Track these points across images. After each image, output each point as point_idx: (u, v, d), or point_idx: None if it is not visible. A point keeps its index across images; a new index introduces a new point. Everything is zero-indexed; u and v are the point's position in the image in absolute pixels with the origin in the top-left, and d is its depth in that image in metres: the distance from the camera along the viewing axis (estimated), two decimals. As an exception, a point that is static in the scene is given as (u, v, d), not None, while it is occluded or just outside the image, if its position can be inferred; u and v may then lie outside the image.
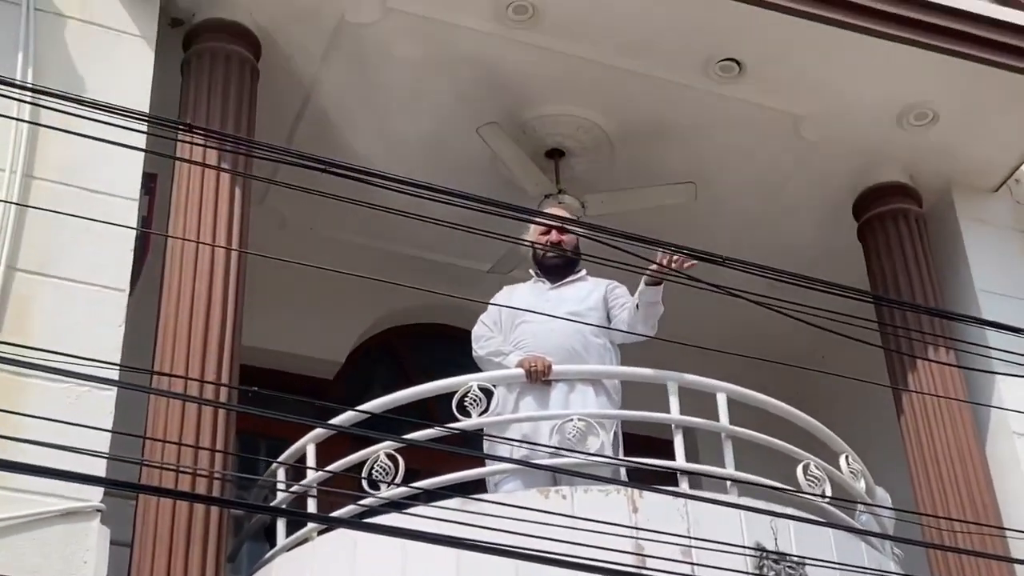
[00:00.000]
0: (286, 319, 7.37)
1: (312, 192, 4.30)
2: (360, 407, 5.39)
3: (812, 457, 5.43)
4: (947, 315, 6.23)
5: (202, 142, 5.41)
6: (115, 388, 4.83)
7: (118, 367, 4.75)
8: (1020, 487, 6.36)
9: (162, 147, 5.11)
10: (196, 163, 5.49)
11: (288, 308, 7.39)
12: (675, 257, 5.34)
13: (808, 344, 7.67)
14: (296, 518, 5.50)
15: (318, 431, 5.46)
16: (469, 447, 5.38)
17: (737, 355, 5.46)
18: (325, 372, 7.51)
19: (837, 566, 5.02)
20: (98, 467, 4.79)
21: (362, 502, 5.14)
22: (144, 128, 4.44)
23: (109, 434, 4.79)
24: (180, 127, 5.01)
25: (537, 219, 5.82)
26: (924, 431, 6.45)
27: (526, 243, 5.94)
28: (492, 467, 5.45)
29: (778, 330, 5.79)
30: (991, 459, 6.50)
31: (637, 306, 5.71)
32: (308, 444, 5.46)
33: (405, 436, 5.03)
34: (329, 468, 5.34)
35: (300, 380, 7.36)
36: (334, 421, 5.44)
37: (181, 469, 4.96)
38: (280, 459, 5.57)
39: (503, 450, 5.45)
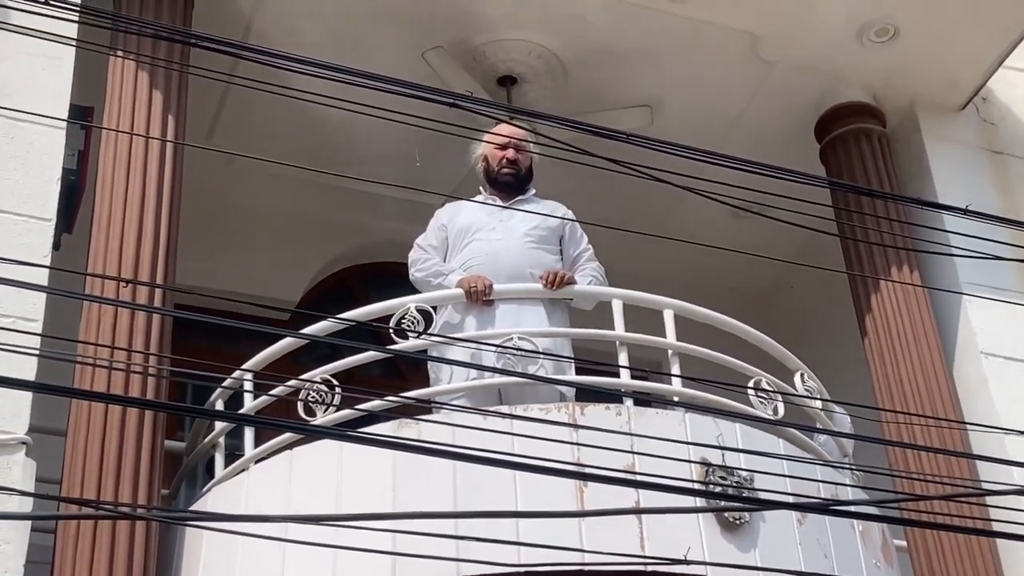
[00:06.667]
0: (238, 260, 7.20)
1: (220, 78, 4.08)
2: (295, 333, 5.25)
3: (763, 373, 5.23)
4: (897, 198, 6.04)
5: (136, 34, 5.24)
6: (43, 294, 4.61)
7: (48, 267, 4.64)
8: (988, 408, 6.18)
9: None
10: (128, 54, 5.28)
11: (239, 249, 7.24)
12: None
13: (777, 273, 7.57)
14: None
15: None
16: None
17: (707, 247, 5.48)
18: (280, 313, 7.32)
19: (787, 478, 4.85)
20: (23, 399, 4.73)
21: (311, 423, 4.97)
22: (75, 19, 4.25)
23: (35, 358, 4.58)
24: (112, 17, 4.81)
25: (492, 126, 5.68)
26: (888, 352, 6.27)
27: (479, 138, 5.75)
28: (434, 388, 5.26)
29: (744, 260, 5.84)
30: (958, 381, 6.33)
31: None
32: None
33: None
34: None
35: (254, 321, 7.16)
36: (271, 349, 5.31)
37: (114, 365, 4.74)
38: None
39: (446, 373, 5.30)
